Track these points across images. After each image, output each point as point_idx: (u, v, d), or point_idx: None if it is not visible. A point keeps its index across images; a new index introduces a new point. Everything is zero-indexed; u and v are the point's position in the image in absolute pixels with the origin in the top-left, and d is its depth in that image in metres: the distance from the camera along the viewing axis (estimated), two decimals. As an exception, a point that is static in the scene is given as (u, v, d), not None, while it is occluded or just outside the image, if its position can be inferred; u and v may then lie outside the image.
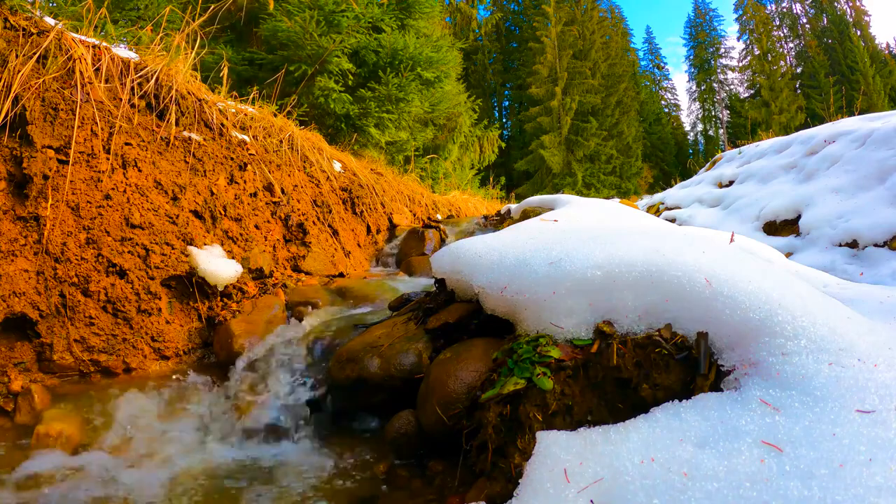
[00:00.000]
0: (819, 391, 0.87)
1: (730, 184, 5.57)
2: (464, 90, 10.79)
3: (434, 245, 3.60)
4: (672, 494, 0.78)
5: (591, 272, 1.28)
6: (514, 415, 1.21)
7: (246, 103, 3.28)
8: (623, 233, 1.59)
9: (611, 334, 1.20)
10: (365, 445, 1.64)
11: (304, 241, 2.96)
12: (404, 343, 1.73)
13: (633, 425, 0.97)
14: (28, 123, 1.91)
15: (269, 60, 4.82)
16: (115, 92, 2.23)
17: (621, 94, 27.55)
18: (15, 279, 1.81)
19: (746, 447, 0.82)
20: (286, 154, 3.18)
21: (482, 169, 12.01)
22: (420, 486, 1.37)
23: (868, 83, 25.98)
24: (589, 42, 27.21)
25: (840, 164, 4.02)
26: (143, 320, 2.10)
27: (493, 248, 1.64)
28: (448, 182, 8.72)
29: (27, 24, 2.03)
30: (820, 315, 1.02)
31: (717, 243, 1.51)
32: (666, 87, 41.38)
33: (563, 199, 3.34)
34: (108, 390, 1.89)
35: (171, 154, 2.37)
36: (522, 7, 31.00)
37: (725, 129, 35.47)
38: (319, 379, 1.84)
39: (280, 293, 2.47)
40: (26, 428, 1.68)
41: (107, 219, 2.05)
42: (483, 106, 16.68)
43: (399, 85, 5.14)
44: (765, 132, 8.72)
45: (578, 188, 23.61)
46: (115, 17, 3.43)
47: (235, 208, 2.59)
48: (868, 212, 3.31)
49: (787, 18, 34.92)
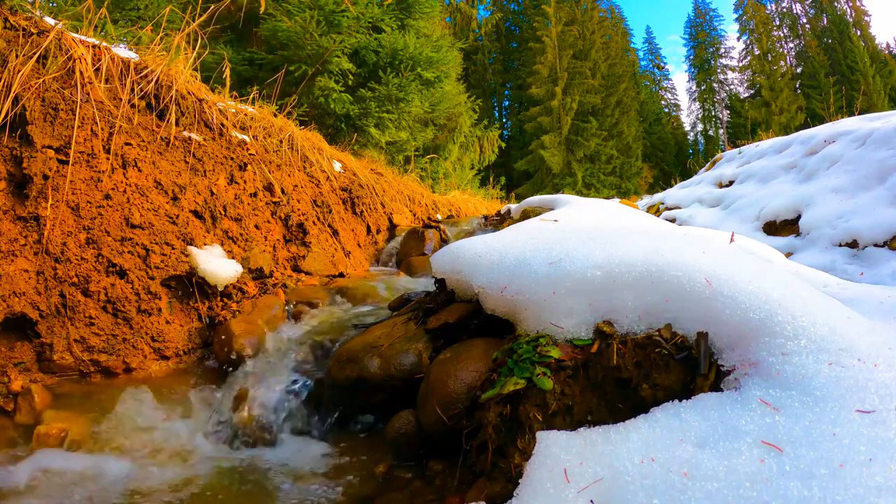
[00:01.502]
0: (819, 391, 0.87)
1: (730, 184, 5.57)
2: (464, 90, 10.79)
3: (434, 245, 3.60)
4: (672, 494, 0.78)
5: (591, 272, 1.28)
6: (514, 415, 1.21)
7: (246, 103, 3.28)
8: (623, 233, 1.59)
9: (611, 334, 1.20)
10: (365, 445, 1.64)
11: (304, 241, 2.96)
12: (404, 343, 1.73)
13: (633, 425, 0.97)
14: (28, 123, 1.91)
15: (269, 60, 4.82)
16: (115, 92, 2.23)
17: (621, 94, 27.55)
18: (15, 279, 1.81)
19: (746, 447, 0.82)
20: (286, 154, 3.18)
21: (482, 169, 12.02)
22: (420, 486, 1.37)
23: (868, 83, 25.98)
24: (589, 42, 27.21)
25: (840, 164, 4.02)
26: (143, 320, 2.09)
27: (493, 248, 1.64)
28: (448, 182, 8.72)
29: (27, 24, 2.03)
30: (820, 315, 1.02)
31: (717, 243, 1.51)
32: (666, 87, 41.40)
33: (563, 199, 3.34)
34: (109, 390, 1.89)
35: (171, 154, 2.37)
36: (522, 7, 31.01)
37: (725, 129, 35.46)
38: (319, 379, 1.84)
39: (280, 293, 2.47)
40: (26, 428, 1.68)
41: (107, 219, 2.05)
42: (483, 106, 16.69)
43: (399, 85, 5.14)
44: (765, 132, 8.72)
45: (578, 188, 23.61)
46: (115, 17, 3.43)
47: (235, 208, 2.59)
48: (868, 212, 3.31)
49: (787, 18, 34.92)
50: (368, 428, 1.73)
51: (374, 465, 1.50)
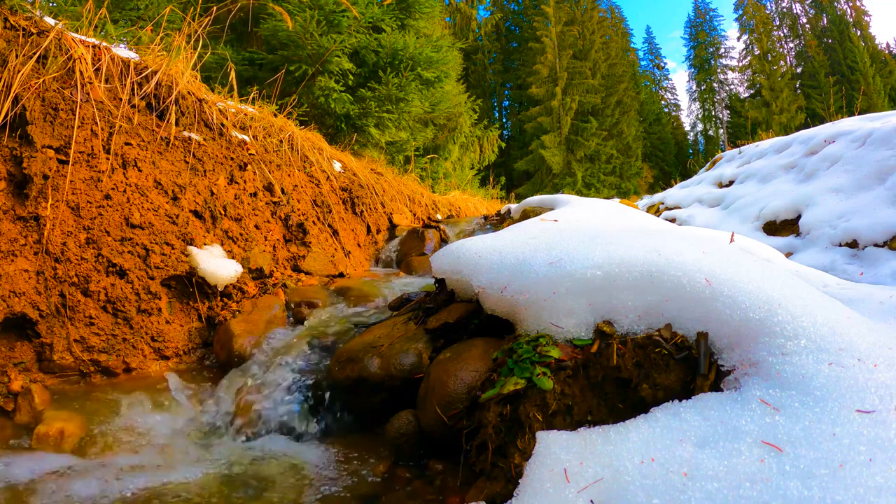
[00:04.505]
0: (819, 391, 0.87)
1: (730, 184, 5.57)
2: (464, 90, 10.79)
3: (434, 245, 3.60)
4: (672, 494, 0.78)
5: (591, 272, 1.28)
6: (514, 415, 1.21)
7: (246, 103, 3.28)
8: (623, 233, 1.59)
9: (611, 334, 1.20)
10: (365, 445, 1.63)
11: (304, 241, 2.96)
12: (404, 343, 1.73)
13: (633, 425, 0.97)
14: (28, 123, 1.91)
15: (270, 60, 4.82)
16: (115, 92, 2.23)
17: (621, 93, 27.56)
18: (15, 279, 1.81)
19: (746, 447, 0.82)
20: (286, 154, 3.18)
21: (482, 169, 12.02)
22: (420, 486, 1.37)
23: (868, 83, 25.98)
24: (589, 42, 27.22)
25: (840, 164, 4.02)
26: (143, 320, 2.09)
27: (493, 248, 1.64)
28: (448, 182, 8.72)
29: (27, 24, 2.03)
30: (820, 315, 1.02)
31: (717, 243, 1.51)
32: (666, 87, 41.41)
33: (563, 199, 3.34)
34: (108, 390, 1.89)
35: (171, 154, 2.37)
36: (522, 7, 31.01)
37: (725, 129, 35.49)
38: (319, 379, 1.84)
39: (280, 293, 2.47)
40: (26, 428, 1.68)
41: (107, 219, 2.05)
42: (483, 106, 16.69)
43: (399, 85, 5.14)
44: (765, 132, 8.72)
45: (578, 188, 23.62)
46: (115, 17, 3.42)
47: (235, 208, 2.59)
48: (868, 212, 3.31)
49: (787, 18, 34.94)
50: (368, 428, 1.73)
51: (374, 465, 1.50)
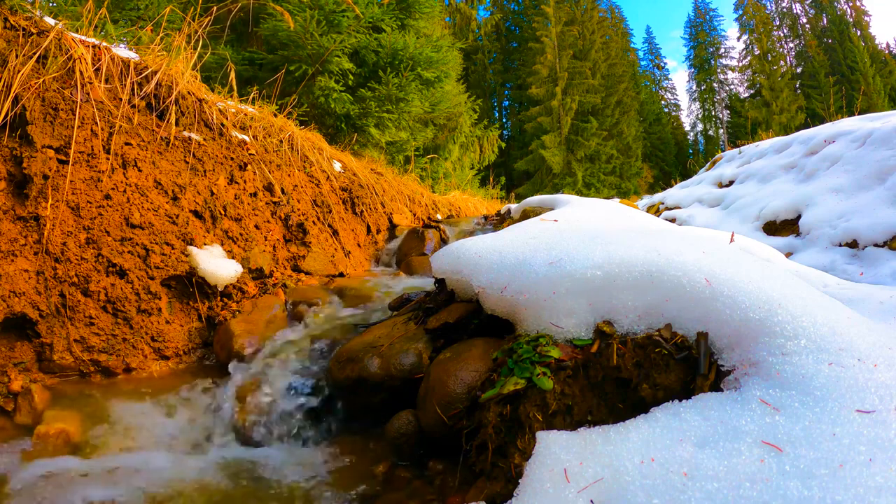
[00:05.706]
0: (819, 391, 0.87)
1: (730, 184, 5.57)
2: (464, 90, 10.79)
3: (434, 245, 3.60)
4: (672, 494, 0.78)
5: (591, 272, 1.28)
6: (514, 415, 1.21)
7: (246, 103, 3.28)
8: (623, 233, 1.59)
9: (611, 334, 1.20)
10: (365, 445, 1.63)
11: (304, 241, 2.96)
12: (404, 343, 1.73)
13: (633, 425, 0.97)
14: (28, 123, 1.91)
15: (270, 60, 4.81)
16: (115, 92, 2.23)
17: (621, 94, 27.57)
18: (15, 279, 1.81)
19: (746, 447, 0.82)
20: (286, 154, 3.18)
21: (482, 169, 12.02)
22: (420, 486, 1.37)
23: (868, 83, 25.98)
24: (589, 42, 27.23)
25: (840, 164, 4.02)
26: (143, 320, 2.09)
27: (493, 248, 1.64)
28: (448, 182, 8.72)
29: (27, 24, 2.03)
30: (820, 315, 1.02)
31: (717, 243, 1.51)
32: (666, 87, 41.42)
33: (563, 199, 3.34)
34: (109, 390, 1.89)
35: (171, 154, 2.37)
36: (522, 7, 31.01)
37: (725, 129, 35.49)
38: (319, 379, 1.84)
39: (280, 293, 2.47)
40: (26, 428, 1.68)
41: (107, 219, 2.05)
42: (483, 106, 16.69)
43: (399, 85, 5.13)
44: (765, 132, 8.72)
45: (578, 188, 23.62)
46: (115, 17, 3.42)
47: (235, 208, 2.59)
48: (868, 212, 3.31)
49: (787, 18, 34.94)
50: (368, 428, 1.73)
51: (374, 465, 1.50)
